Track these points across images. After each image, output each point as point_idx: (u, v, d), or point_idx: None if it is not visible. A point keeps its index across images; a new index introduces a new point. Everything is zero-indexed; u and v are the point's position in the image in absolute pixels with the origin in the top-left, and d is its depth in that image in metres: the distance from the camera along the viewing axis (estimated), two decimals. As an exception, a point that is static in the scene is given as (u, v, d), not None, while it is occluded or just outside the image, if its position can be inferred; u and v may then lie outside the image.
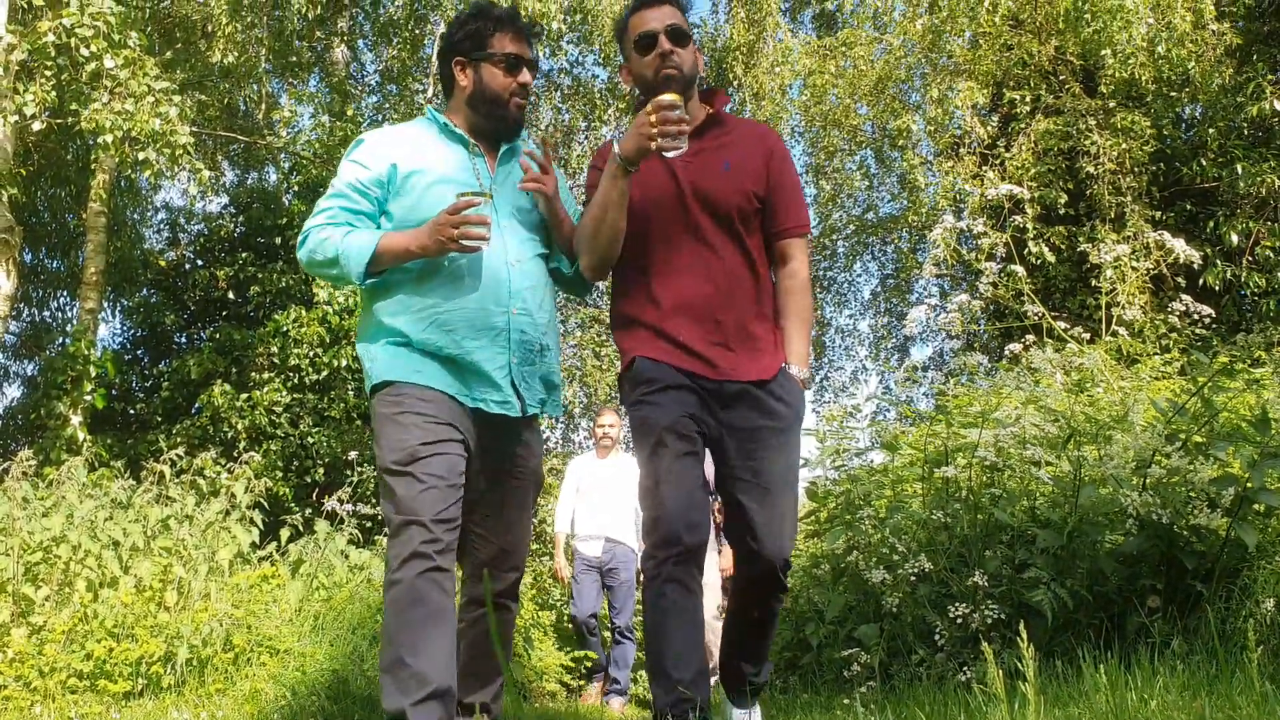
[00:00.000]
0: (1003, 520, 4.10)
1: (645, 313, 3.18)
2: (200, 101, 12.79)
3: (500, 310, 3.06)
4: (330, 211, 3.16)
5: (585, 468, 8.16)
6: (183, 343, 13.86)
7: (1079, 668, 3.16)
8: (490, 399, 3.05)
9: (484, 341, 3.03)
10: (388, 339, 3.06)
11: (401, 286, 3.08)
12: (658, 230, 3.18)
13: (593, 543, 7.84)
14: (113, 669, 4.58)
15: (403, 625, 2.80)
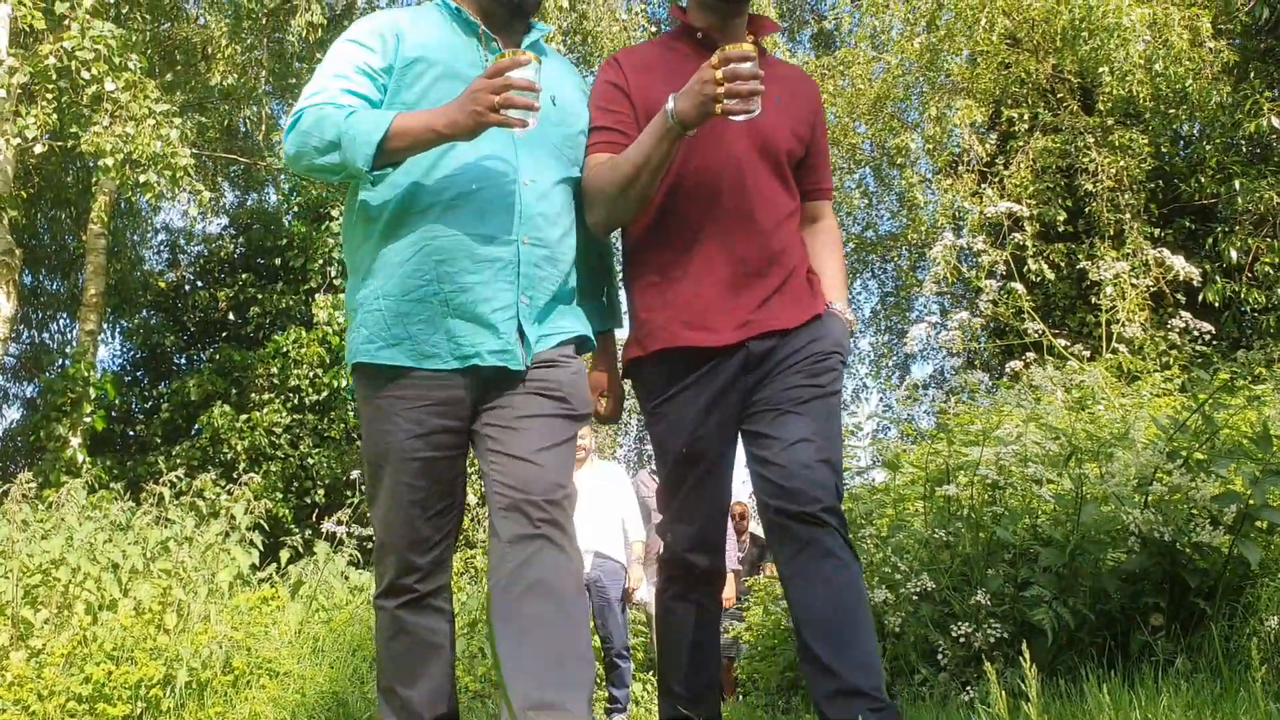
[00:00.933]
0: (1005, 538, 4.09)
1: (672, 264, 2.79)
2: (200, 123, 12.82)
3: (506, 238, 2.55)
4: (327, 93, 2.59)
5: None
6: (182, 364, 13.88)
7: (1082, 687, 3.15)
8: (485, 349, 2.53)
9: (484, 276, 2.52)
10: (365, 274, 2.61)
11: (387, 201, 2.58)
12: (694, 167, 2.78)
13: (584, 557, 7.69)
14: (112, 692, 4.56)
15: (389, 655, 2.66)
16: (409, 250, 2.54)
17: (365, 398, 2.63)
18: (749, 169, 2.78)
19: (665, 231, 2.80)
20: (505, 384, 2.58)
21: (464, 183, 2.56)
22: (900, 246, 16.47)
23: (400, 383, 2.55)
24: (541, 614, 2.36)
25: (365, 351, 2.57)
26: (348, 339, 2.68)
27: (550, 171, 2.68)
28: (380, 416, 2.57)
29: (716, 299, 2.74)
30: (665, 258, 2.80)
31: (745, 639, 6.99)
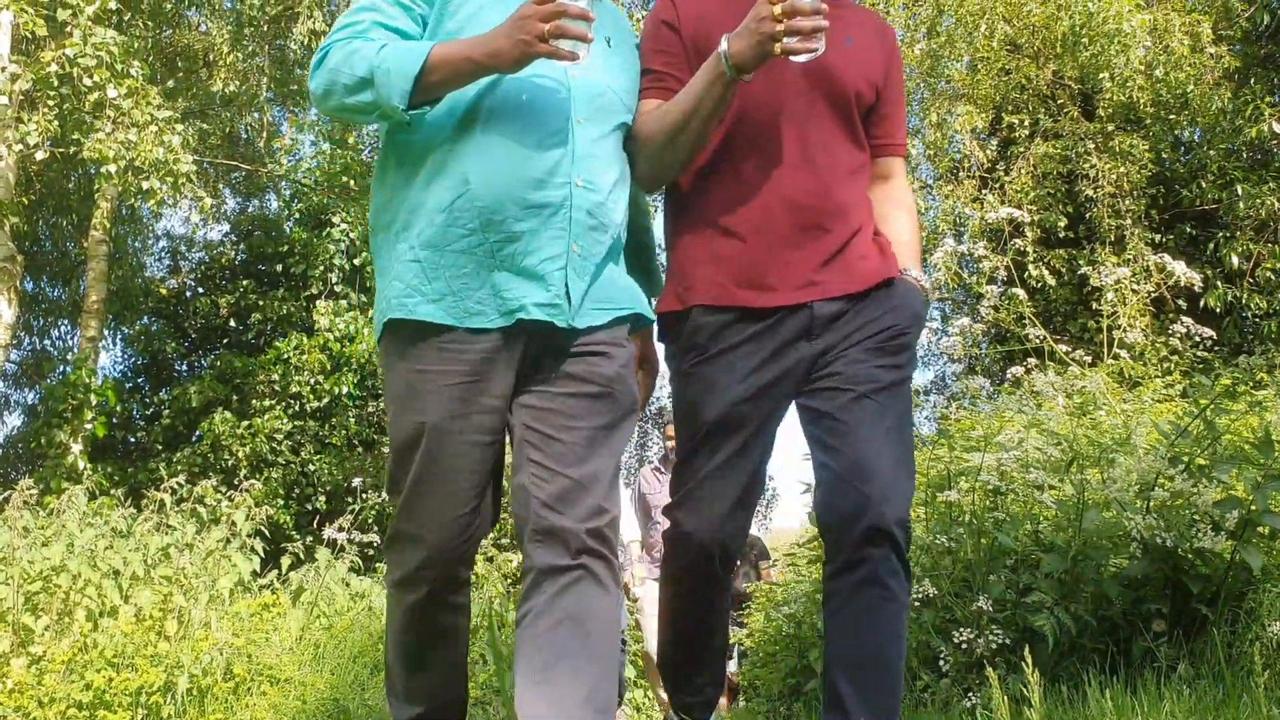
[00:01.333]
0: (1006, 544, 4.08)
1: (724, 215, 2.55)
2: (201, 130, 12.84)
3: (558, 180, 2.29)
4: (358, 26, 2.34)
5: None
6: (184, 370, 13.88)
7: (1084, 692, 3.14)
8: (530, 301, 2.27)
9: (532, 224, 2.27)
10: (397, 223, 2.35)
11: (426, 142, 2.32)
12: (751, 113, 2.54)
13: None
14: (112, 699, 4.55)
15: (399, 643, 2.45)
16: (450, 195, 2.26)
17: (396, 367, 2.33)
18: (812, 115, 2.54)
19: (717, 182, 2.56)
20: (550, 357, 2.34)
21: (511, 120, 2.29)
22: (901, 252, 16.44)
23: (438, 346, 2.27)
24: (570, 651, 2.17)
25: (400, 306, 2.29)
26: (378, 298, 2.40)
27: (603, 113, 2.42)
28: (413, 394, 2.29)
29: (774, 256, 2.49)
30: (716, 209, 2.55)
31: (746, 645, 6.98)
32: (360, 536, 7.16)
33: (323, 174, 13.29)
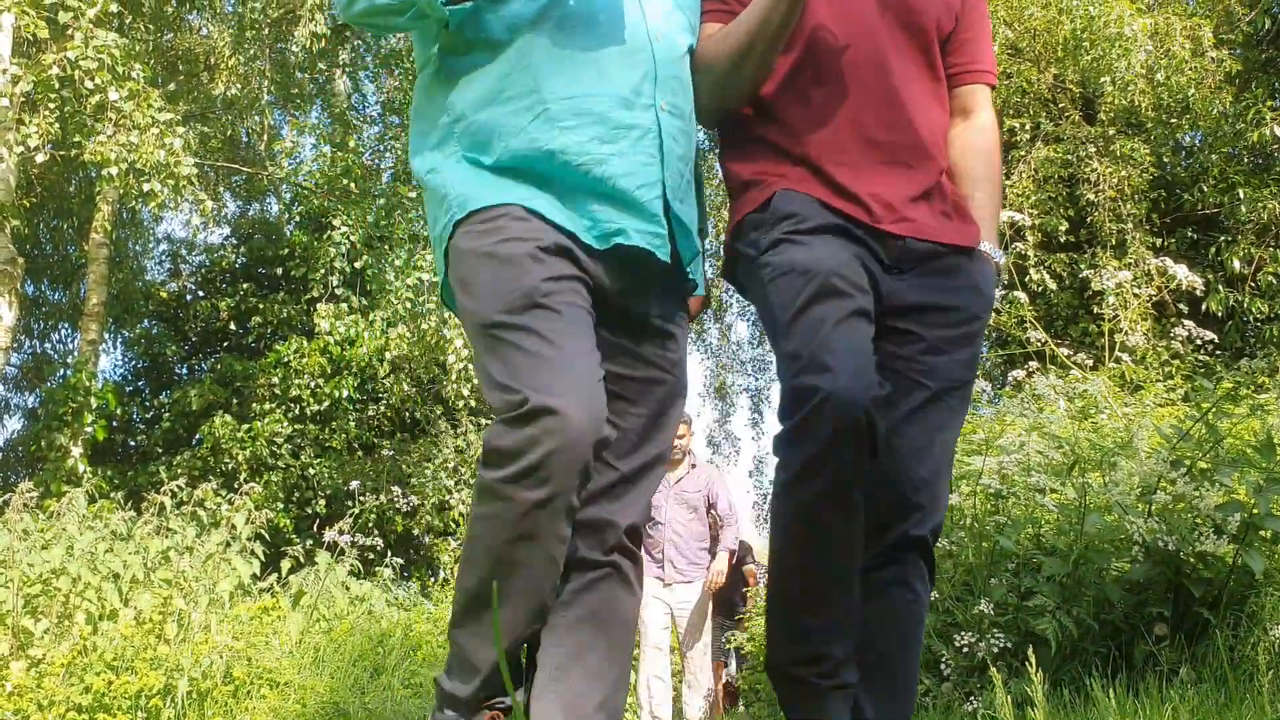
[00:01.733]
0: (1008, 548, 4.07)
1: (795, 143, 2.25)
2: (203, 133, 12.85)
3: (644, 102, 2.04)
4: None
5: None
6: (184, 374, 13.88)
7: (1086, 696, 3.13)
8: (632, 227, 2.02)
9: (622, 146, 2.00)
10: (464, 148, 2.05)
11: (486, 62, 2.04)
12: (820, 36, 2.27)
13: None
14: (112, 702, 4.55)
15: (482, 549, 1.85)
16: (524, 117, 1.99)
17: (472, 252, 1.95)
18: (888, 40, 2.28)
19: (785, 114, 2.29)
20: (639, 312, 2.10)
21: (587, 33, 2.03)
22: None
23: (528, 223, 1.95)
24: (589, 650, 2.00)
25: (475, 198, 1.98)
26: (434, 220, 2.08)
27: (674, 33, 2.18)
28: (496, 263, 1.91)
29: (859, 181, 2.21)
30: (785, 142, 2.27)
31: (747, 650, 6.97)
32: (360, 540, 7.16)
33: (323, 177, 13.30)
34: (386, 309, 12.07)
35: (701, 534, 7.30)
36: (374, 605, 6.40)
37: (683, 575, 7.15)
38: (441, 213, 2.03)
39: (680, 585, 7.18)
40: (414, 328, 12.04)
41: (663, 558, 7.14)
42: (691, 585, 7.21)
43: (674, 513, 7.18)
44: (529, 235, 1.92)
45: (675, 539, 7.18)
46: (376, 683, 5.49)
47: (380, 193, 13.50)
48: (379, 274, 12.10)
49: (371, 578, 7.62)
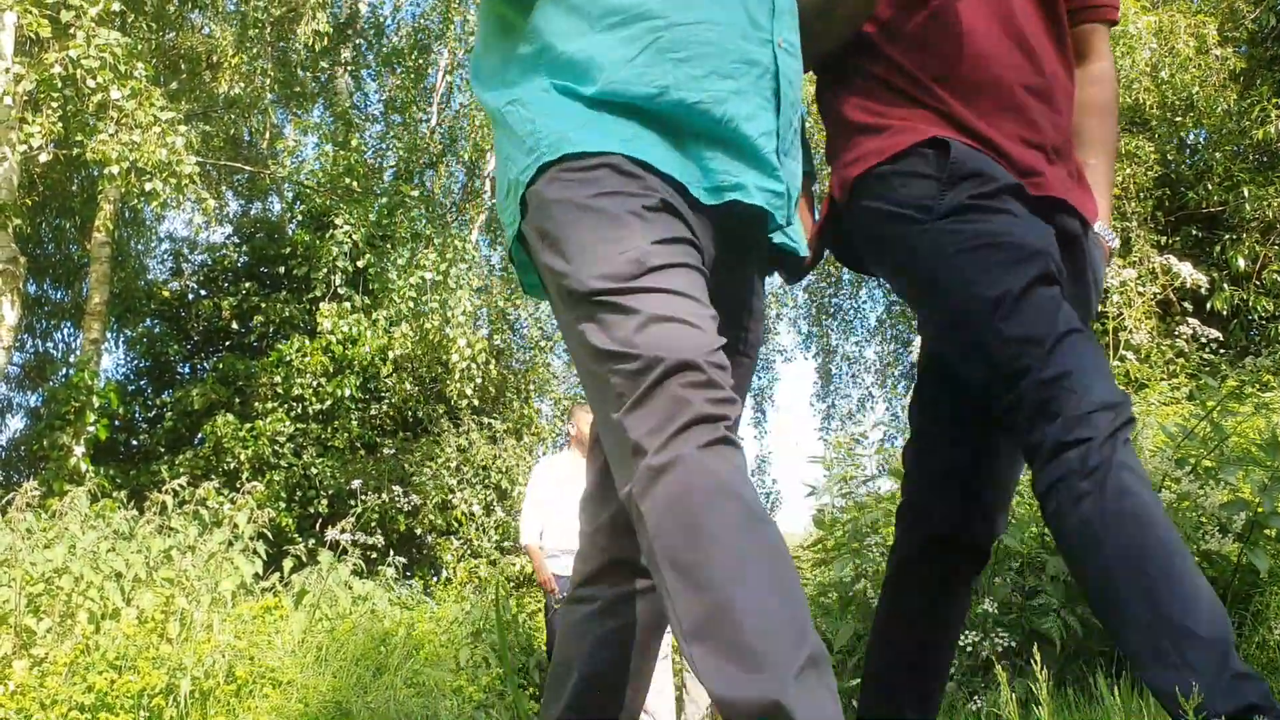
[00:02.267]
0: (1012, 547, 4.06)
1: (917, 86, 1.99)
2: (205, 132, 12.85)
3: (763, 36, 1.74)
4: None
5: (557, 472, 6.78)
6: (186, 373, 13.88)
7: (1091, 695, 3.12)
8: (753, 182, 1.71)
9: (742, 83, 1.70)
10: (554, 79, 1.71)
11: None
12: None
13: (565, 560, 6.59)
14: (114, 701, 4.54)
15: (711, 539, 1.37)
16: (631, 46, 1.67)
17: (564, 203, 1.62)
18: None
19: (900, 53, 2.01)
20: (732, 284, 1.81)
21: None
22: (905, 255, 16.42)
23: (633, 177, 1.62)
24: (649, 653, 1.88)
25: (571, 139, 1.65)
26: (510, 160, 1.74)
27: None
28: (595, 220, 1.59)
29: (996, 135, 1.95)
30: (903, 87, 2.01)
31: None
32: (363, 539, 7.15)
33: (325, 176, 13.30)
34: (389, 308, 12.08)
35: None
36: (376, 604, 6.40)
37: None
38: (523, 152, 1.70)
39: None
40: (416, 327, 12.04)
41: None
42: None
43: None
44: (634, 190, 1.61)
45: None
46: (379, 682, 5.49)
47: (382, 191, 13.51)
48: (381, 273, 12.10)
49: (374, 577, 7.61)
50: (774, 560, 1.38)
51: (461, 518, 12.71)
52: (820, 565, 5.85)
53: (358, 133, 14.92)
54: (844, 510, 5.23)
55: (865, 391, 18.94)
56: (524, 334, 16.49)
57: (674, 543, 1.39)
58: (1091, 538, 1.67)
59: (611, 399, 1.51)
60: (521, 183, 1.69)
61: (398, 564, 8.02)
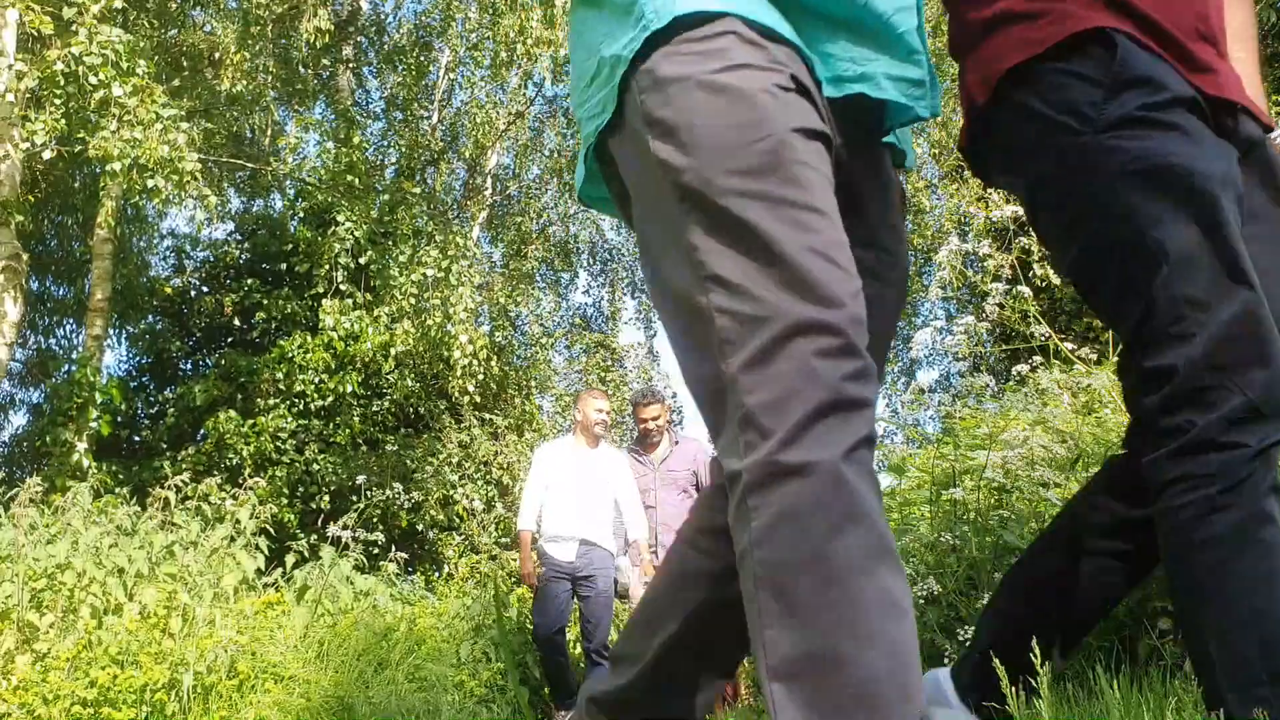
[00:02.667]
0: (1012, 542, 4.07)
1: None
2: (206, 129, 12.85)
3: None
4: None
5: (560, 456, 6.78)
6: (188, 369, 13.89)
7: (1090, 690, 3.13)
8: (884, 71, 1.44)
9: None
10: None
11: None
12: None
13: (564, 545, 6.56)
14: (117, 696, 4.56)
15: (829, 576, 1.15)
16: None
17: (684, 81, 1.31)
18: None
19: None
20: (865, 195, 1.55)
21: None
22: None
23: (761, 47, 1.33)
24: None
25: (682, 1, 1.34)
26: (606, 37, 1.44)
27: None
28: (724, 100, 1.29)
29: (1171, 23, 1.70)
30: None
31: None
32: (364, 535, 7.17)
33: (327, 172, 13.31)
34: (391, 304, 12.09)
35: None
36: (378, 600, 6.42)
37: None
38: (624, 24, 1.39)
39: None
40: (418, 323, 12.05)
41: (656, 543, 6.72)
42: None
43: (664, 495, 6.81)
44: (766, 63, 1.31)
45: (668, 523, 6.71)
46: (381, 677, 5.50)
47: (384, 188, 13.52)
48: (383, 269, 12.12)
49: (375, 572, 7.63)
50: (894, 614, 1.16)
51: (463, 513, 12.73)
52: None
53: (359, 130, 14.93)
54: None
55: (866, 387, 18.87)
56: (525, 331, 16.52)
57: (783, 562, 1.17)
58: (1220, 557, 1.53)
59: (715, 343, 1.24)
60: (624, 59, 1.37)
61: (399, 559, 8.04)
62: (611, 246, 20.31)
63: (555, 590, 6.43)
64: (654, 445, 6.99)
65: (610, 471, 6.68)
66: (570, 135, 18.05)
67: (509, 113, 17.00)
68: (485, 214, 17.59)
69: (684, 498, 6.86)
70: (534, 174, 18.84)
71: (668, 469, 6.92)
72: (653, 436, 6.96)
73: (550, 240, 19.05)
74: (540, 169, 18.67)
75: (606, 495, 6.63)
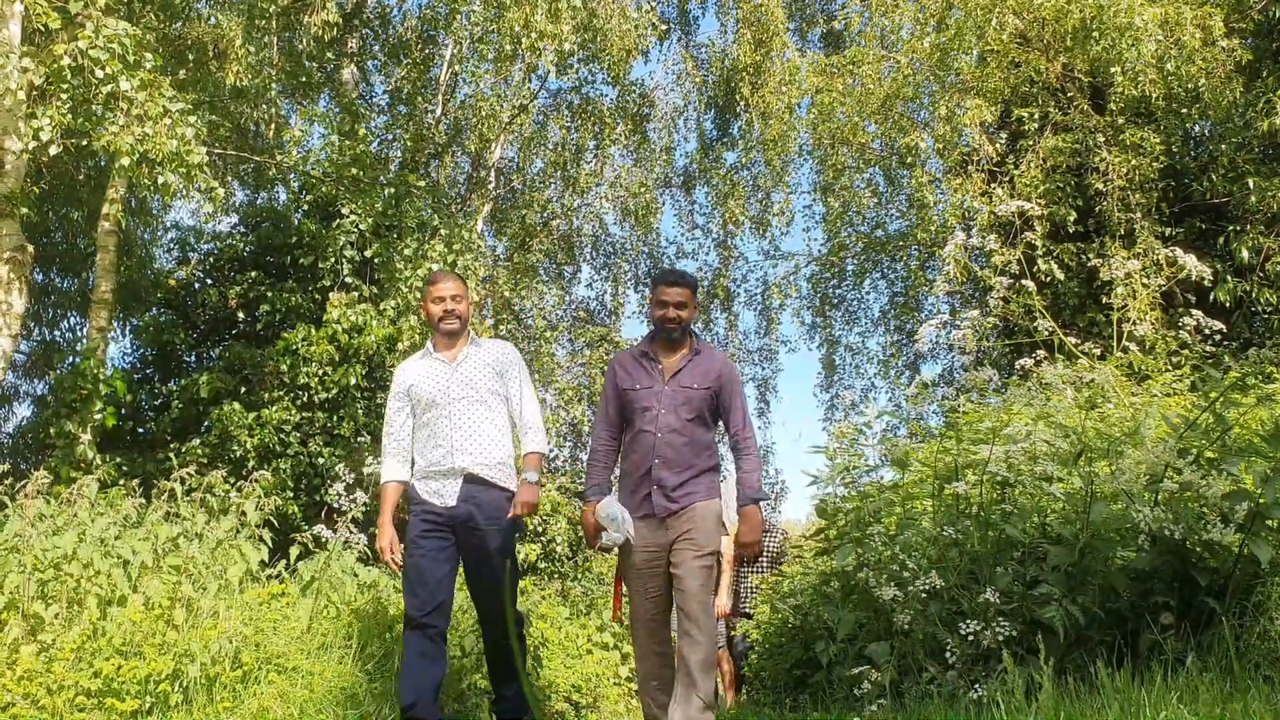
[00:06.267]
0: (1014, 537, 4.08)
1: None
2: (211, 121, 12.85)
3: None
4: None
5: (426, 371, 5.13)
6: (192, 361, 13.88)
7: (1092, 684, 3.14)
8: None
9: None
10: None
11: None
12: None
13: (441, 484, 4.93)
14: (121, 687, 4.57)
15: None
16: None
17: None
18: None
19: None
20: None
21: None
22: (909, 246, 16.44)
23: None
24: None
25: None
26: None
27: None
28: None
29: None
30: None
31: (753, 636, 6.99)
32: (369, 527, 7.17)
33: (332, 165, 13.30)
34: (396, 297, 12.09)
35: (707, 445, 4.88)
36: (382, 592, 6.42)
37: (677, 503, 4.72)
38: None
39: (680, 514, 4.71)
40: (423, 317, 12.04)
41: (650, 483, 4.77)
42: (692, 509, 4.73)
43: (668, 418, 4.81)
44: None
45: (668, 454, 4.78)
46: (384, 668, 5.52)
47: (389, 181, 13.52)
48: (388, 262, 12.12)
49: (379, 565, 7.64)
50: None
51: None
52: (822, 554, 5.87)
53: (363, 123, 14.92)
54: (847, 500, 5.25)
55: (868, 382, 18.95)
56: (529, 324, 16.51)
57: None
58: None
59: None
60: None
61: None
62: (615, 240, 20.32)
63: (430, 549, 4.82)
64: (673, 347, 4.96)
65: (500, 378, 5.15)
66: (574, 129, 18.04)
67: (513, 106, 16.99)
68: (489, 207, 17.58)
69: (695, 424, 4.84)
70: (538, 167, 18.84)
71: (680, 384, 4.87)
72: (673, 333, 4.92)
73: (554, 234, 19.04)
74: (544, 162, 18.67)
75: (497, 411, 5.12)
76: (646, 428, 4.82)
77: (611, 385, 5.04)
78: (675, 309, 4.86)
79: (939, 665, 3.98)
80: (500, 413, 5.18)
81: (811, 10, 19.54)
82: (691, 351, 4.95)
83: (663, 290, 4.91)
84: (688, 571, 4.60)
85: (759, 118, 16.33)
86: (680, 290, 4.91)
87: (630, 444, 4.91)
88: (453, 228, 12.87)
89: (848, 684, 4.40)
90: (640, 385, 4.89)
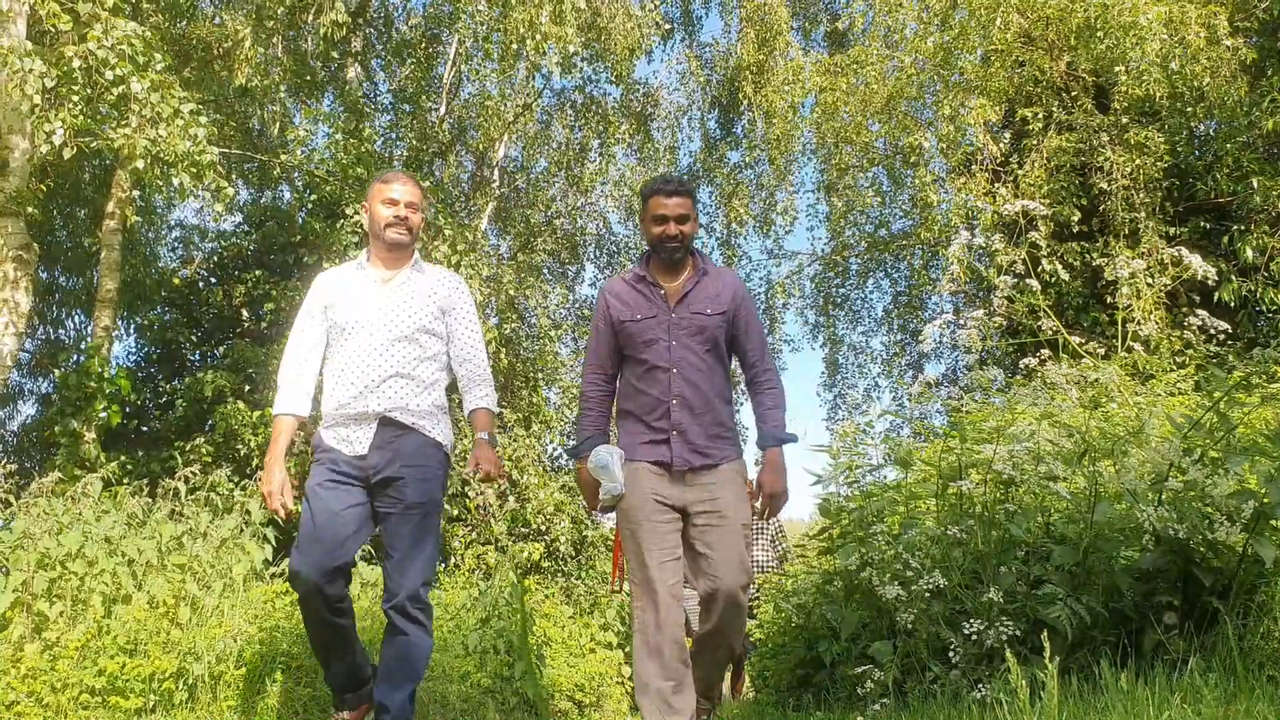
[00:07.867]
0: (1018, 536, 4.08)
1: None
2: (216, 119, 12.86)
3: None
4: None
5: (352, 286, 4.28)
6: (196, 360, 13.90)
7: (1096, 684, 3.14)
8: None
9: None
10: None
11: None
12: None
13: (351, 430, 4.13)
14: (125, 685, 4.58)
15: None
16: None
17: None
18: None
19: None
20: None
21: None
22: (913, 246, 16.44)
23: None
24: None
25: None
26: None
27: None
28: None
29: None
30: None
31: (756, 636, 6.99)
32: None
33: (336, 164, 13.31)
34: (399, 296, 12.10)
35: (726, 392, 4.20)
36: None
37: (705, 456, 4.05)
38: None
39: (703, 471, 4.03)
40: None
41: (669, 428, 4.07)
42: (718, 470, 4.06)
43: (682, 350, 4.10)
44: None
45: (688, 393, 4.07)
46: (388, 667, 5.52)
47: (393, 180, 13.51)
48: (391, 261, 12.13)
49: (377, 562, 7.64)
50: None
51: (472, 507, 12.75)
52: (826, 553, 5.87)
53: (367, 122, 14.93)
54: (850, 499, 5.25)
55: (872, 381, 18.96)
56: (533, 323, 16.51)
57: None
58: None
59: None
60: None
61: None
62: (619, 239, 20.33)
63: (335, 500, 4.07)
64: (675, 269, 4.23)
65: (425, 305, 4.23)
66: (578, 128, 18.04)
67: (517, 105, 17.01)
68: (493, 206, 17.59)
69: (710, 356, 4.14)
70: (542, 166, 18.85)
71: (690, 309, 4.13)
72: (676, 252, 4.18)
73: (558, 232, 19.05)
74: (548, 161, 18.69)
75: (423, 349, 4.19)
76: (659, 362, 4.03)
77: (603, 319, 4.21)
78: (676, 223, 4.09)
79: (942, 665, 3.98)
80: (433, 355, 4.19)
81: (815, 9, 19.55)
82: (698, 272, 4.16)
83: (659, 202, 4.12)
84: (723, 559, 3.83)
85: (762, 117, 16.35)
86: (680, 200, 4.12)
87: (639, 383, 4.10)
88: (456, 227, 12.88)
89: (851, 683, 4.40)
90: (642, 315, 4.10)
